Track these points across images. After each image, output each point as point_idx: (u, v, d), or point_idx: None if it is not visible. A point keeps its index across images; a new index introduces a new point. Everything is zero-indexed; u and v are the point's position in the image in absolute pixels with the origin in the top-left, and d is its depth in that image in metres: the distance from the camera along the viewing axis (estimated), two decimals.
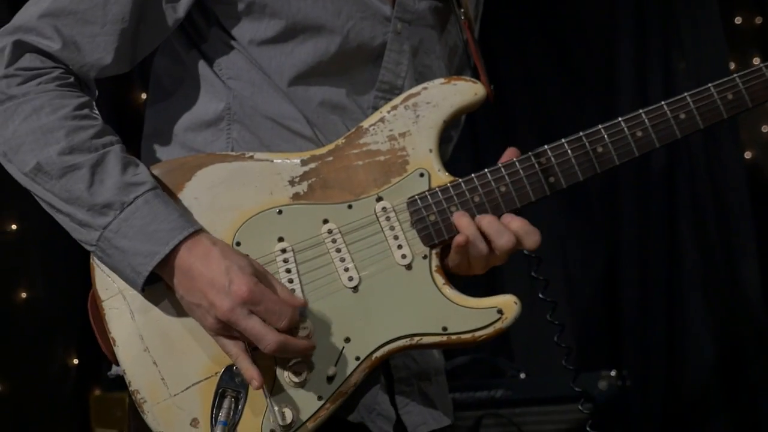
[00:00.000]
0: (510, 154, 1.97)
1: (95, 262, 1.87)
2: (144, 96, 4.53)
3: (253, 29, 1.92)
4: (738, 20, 5.12)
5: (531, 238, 1.90)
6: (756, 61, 5.47)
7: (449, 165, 1.99)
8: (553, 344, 2.16)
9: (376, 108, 1.98)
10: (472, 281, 1.98)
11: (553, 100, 5.11)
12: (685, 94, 1.99)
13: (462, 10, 2.05)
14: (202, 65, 1.96)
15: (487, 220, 1.89)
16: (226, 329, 1.78)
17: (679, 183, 5.18)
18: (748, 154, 5.51)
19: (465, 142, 1.96)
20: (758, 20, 5.27)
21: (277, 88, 1.94)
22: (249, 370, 1.77)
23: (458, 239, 1.88)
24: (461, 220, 1.90)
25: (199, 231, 1.81)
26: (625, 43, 4.96)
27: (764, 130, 5.55)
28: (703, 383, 5.09)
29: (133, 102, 4.59)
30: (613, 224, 5.26)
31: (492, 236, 1.88)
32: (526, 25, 5.20)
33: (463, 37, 2.08)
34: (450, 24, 2.09)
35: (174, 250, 1.78)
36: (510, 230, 1.88)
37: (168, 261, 1.78)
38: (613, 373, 4.32)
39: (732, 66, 5.27)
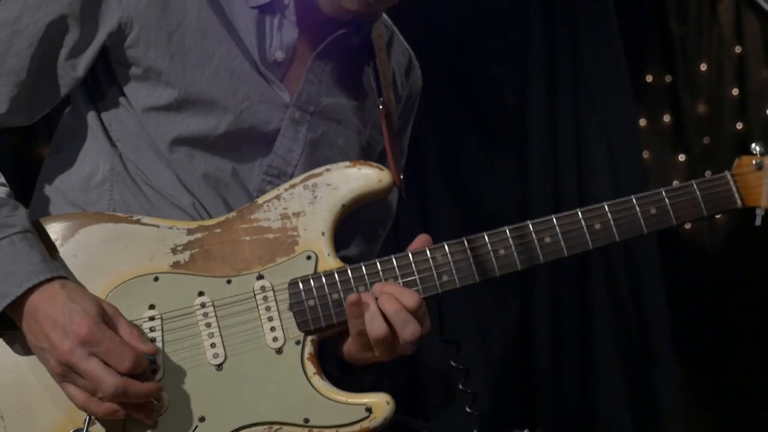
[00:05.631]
0: (420, 243, 1.89)
1: None
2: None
3: (147, 95, 1.91)
4: (648, 78, 5.16)
5: (406, 297, 1.80)
6: (666, 119, 5.37)
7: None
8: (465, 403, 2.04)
9: (261, 191, 1.93)
10: None
11: (466, 157, 5.04)
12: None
13: (381, 99, 1.99)
14: (95, 122, 1.95)
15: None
16: (69, 375, 1.72)
17: None
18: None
19: None
20: (668, 78, 5.27)
21: (161, 155, 1.91)
22: (102, 408, 1.72)
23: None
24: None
25: (57, 278, 1.76)
26: (536, 99, 4.92)
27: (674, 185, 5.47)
28: None
29: (38, 156, 4.48)
30: (527, 282, 5.07)
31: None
32: (438, 83, 5.20)
33: (378, 128, 2.02)
34: (365, 122, 2.03)
35: (27, 293, 1.74)
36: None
37: (20, 303, 1.75)
38: None
39: (642, 123, 5.25)
